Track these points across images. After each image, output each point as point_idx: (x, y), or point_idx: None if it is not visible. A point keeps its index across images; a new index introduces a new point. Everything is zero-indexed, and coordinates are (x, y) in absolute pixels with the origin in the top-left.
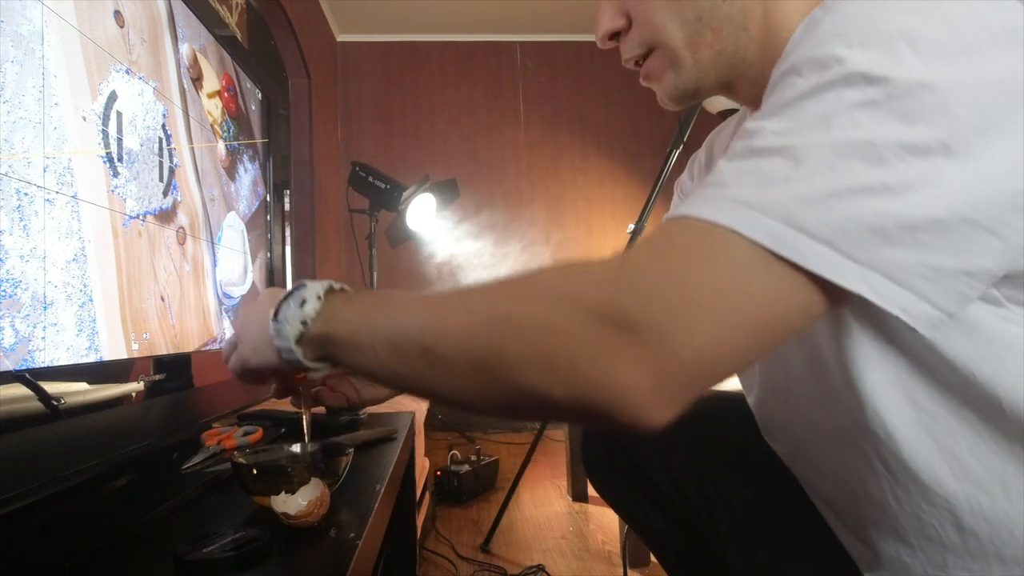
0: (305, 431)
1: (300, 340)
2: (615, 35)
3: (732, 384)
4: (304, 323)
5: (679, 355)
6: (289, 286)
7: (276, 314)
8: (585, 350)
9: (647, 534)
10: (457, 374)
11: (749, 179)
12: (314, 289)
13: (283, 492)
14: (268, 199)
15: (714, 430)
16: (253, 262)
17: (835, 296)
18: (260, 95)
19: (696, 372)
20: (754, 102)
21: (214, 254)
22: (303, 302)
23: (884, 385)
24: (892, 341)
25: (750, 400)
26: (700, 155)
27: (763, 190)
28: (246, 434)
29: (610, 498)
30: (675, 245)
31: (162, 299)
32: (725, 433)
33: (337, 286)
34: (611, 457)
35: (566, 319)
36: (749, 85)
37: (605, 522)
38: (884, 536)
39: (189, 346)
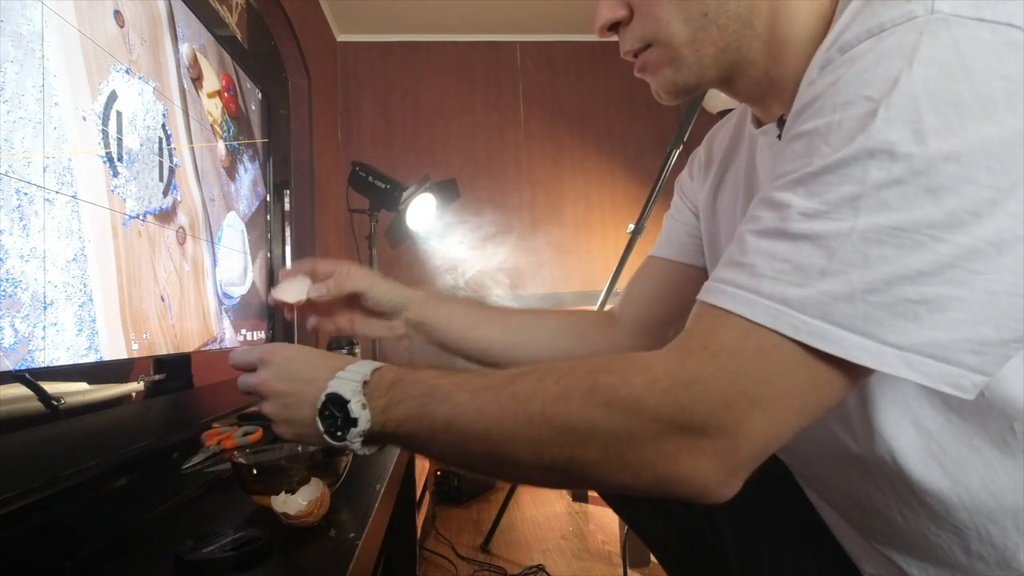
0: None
1: (361, 444)
2: (615, 26)
3: None
4: (362, 436)
5: (745, 448)
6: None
7: (327, 429)
8: (660, 454)
9: (648, 536)
10: (532, 473)
11: (783, 271)
12: (356, 399)
13: (283, 492)
14: (268, 199)
15: None
16: (253, 262)
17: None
18: (260, 95)
19: (758, 456)
20: (752, 99)
21: (214, 254)
22: (353, 420)
23: (891, 410)
24: (904, 383)
25: None
26: (700, 153)
27: (799, 287)
28: (246, 434)
29: (611, 500)
30: (726, 349)
31: (162, 299)
32: None
33: (368, 376)
34: None
35: (635, 428)
36: (749, 83)
37: (605, 522)
38: (892, 548)
39: (189, 346)
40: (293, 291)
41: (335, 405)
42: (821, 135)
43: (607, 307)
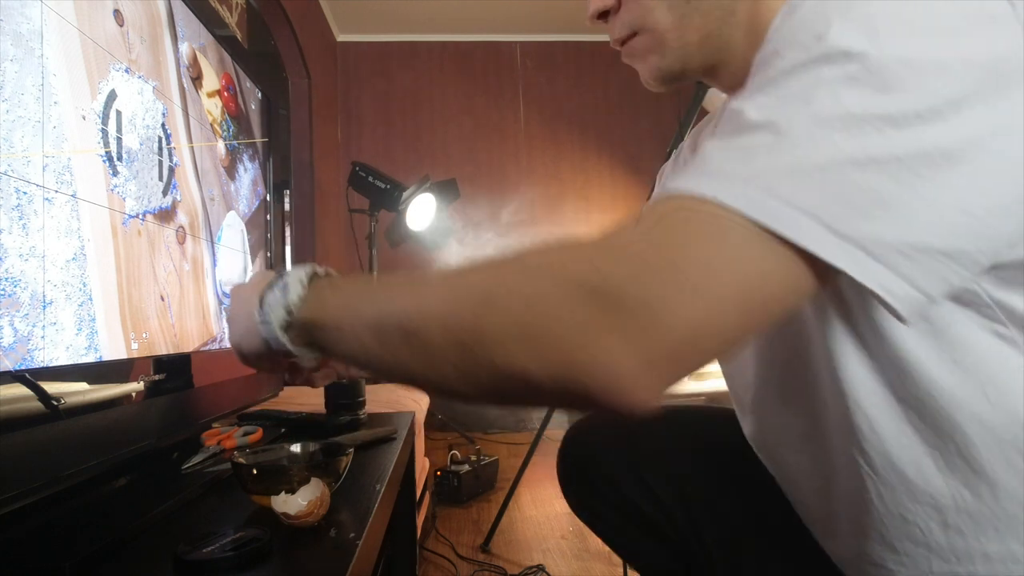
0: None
1: (286, 328)
2: (604, 15)
3: (719, 386)
4: (288, 311)
5: (669, 330)
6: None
7: (261, 302)
8: (569, 327)
9: (628, 553)
10: (438, 356)
11: (733, 154)
12: (297, 275)
13: (283, 492)
14: (268, 199)
15: (692, 443)
16: (253, 262)
17: (824, 274)
18: (260, 95)
19: (686, 348)
20: (734, 88)
21: (214, 253)
22: (286, 288)
23: (867, 380)
24: (876, 345)
25: (737, 406)
26: (684, 147)
27: (746, 163)
28: (246, 434)
29: (587, 519)
30: (661, 220)
31: (162, 298)
32: (705, 446)
33: (321, 271)
34: (586, 476)
35: (550, 294)
36: (731, 71)
37: None
38: (870, 543)
39: (189, 346)
40: None
41: (277, 283)
42: (777, 52)
43: None
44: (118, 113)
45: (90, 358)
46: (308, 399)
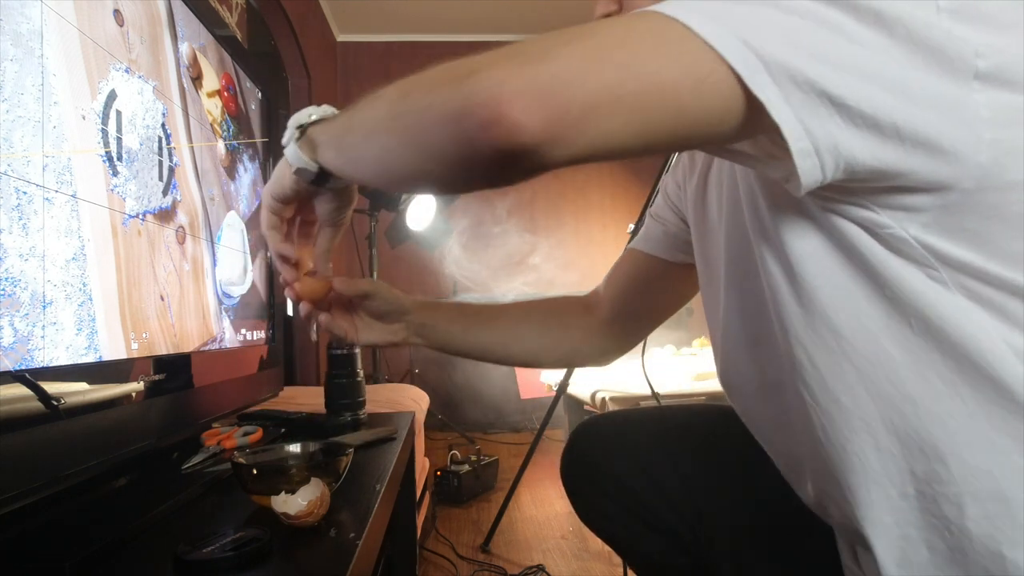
0: None
1: (302, 130)
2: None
3: (713, 386)
4: (310, 115)
5: (557, 63)
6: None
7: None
8: (482, 68)
9: (633, 551)
10: (383, 109)
11: None
12: (326, 108)
13: (283, 492)
14: None
15: (697, 440)
16: (253, 261)
17: (731, 91)
18: (260, 95)
19: (573, 87)
20: None
21: (214, 253)
22: (315, 110)
23: (800, 315)
24: (811, 285)
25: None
26: (683, 155)
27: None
28: (246, 434)
29: (596, 523)
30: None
31: (162, 298)
32: (709, 444)
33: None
34: (592, 475)
35: (488, 56)
36: None
37: None
38: (828, 484)
39: (189, 346)
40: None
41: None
42: None
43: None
44: (118, 113)
45: (90, 358)
46: (308, 399)
